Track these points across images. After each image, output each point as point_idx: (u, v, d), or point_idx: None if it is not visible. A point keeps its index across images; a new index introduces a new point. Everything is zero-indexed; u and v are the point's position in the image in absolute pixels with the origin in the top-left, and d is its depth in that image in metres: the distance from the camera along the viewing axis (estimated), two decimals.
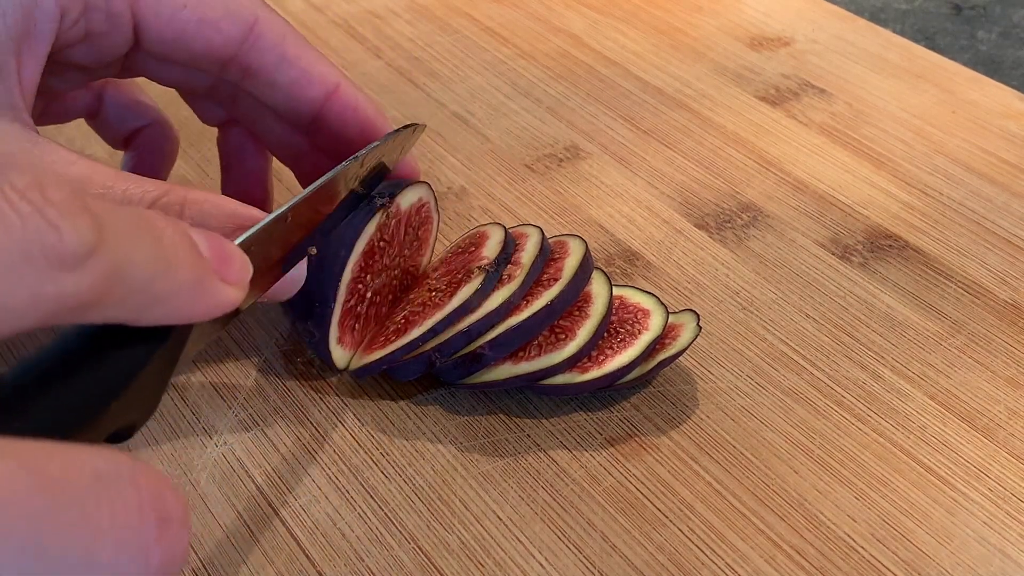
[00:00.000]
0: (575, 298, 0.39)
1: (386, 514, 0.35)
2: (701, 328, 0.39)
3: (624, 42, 0.64)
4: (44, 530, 0.17)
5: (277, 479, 0.37)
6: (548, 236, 0.41)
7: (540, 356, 0.37)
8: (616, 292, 0.40)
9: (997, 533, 0.35)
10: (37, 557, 0.17)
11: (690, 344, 0.39)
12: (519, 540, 0.35)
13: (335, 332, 0.38)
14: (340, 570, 0.34)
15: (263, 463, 0.37)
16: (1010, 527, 0.35)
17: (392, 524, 0.35)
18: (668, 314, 0.39)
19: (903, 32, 0.72)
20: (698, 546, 0.34)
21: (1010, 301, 0.45)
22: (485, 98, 0.58)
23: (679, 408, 0.39)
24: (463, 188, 0.51)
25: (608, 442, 0.38)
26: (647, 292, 0.41)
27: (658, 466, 0.37)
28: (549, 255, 0.40)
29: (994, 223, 0.49)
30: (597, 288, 0.39)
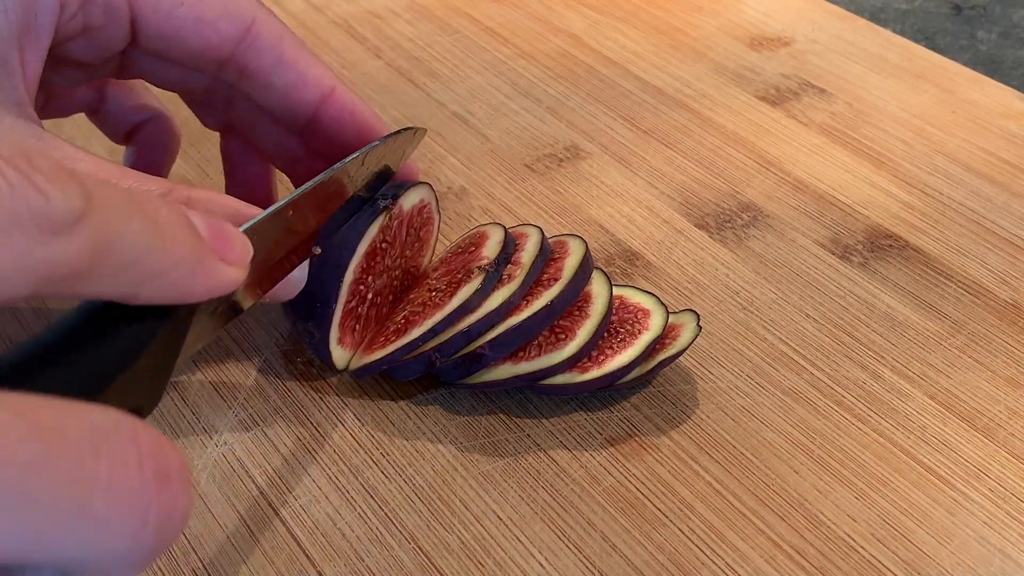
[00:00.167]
0: (575, 298, 0.39)
1: (386, 514, 0.35)
2: (701, 328, 0.39)
3: (624, 42, 0.64)
4: (36, 480, 0.17)
5: (277, 479, 0.37)
6: (548, 236, 0.41)
7: (540, 356, 0.37)
8: (616, 292, 0.40)
9: (997, 533, 0.35)
10: (28, 507, 0.17)
11: (690, 344, 0.39)
12: (519, 540, 0.35)
13: (335, 333, 0.38)
14: (340, 570, 0.34)
15: (263, 463, 0.37)
16: (1010, 527, 0.35)
17: (392, 524, 0.35)
18: (668, 314, 0.39)
19: (903, 32, 0.72)
20: (698, 546, 0.34)
21: (1010, 301, 0.45)
22: (485, 98, 0.58)
23: (679, 408, 0.39)
24: (463, 188, 0.51)
25: (608, 442, 0.38)
26: (647, 292, 0.41)
27: (658, 466, 0.37)
28: (549, 255, 0.40)
29: (994, 223, 0.49)
30: (597, 288, 0.39)
